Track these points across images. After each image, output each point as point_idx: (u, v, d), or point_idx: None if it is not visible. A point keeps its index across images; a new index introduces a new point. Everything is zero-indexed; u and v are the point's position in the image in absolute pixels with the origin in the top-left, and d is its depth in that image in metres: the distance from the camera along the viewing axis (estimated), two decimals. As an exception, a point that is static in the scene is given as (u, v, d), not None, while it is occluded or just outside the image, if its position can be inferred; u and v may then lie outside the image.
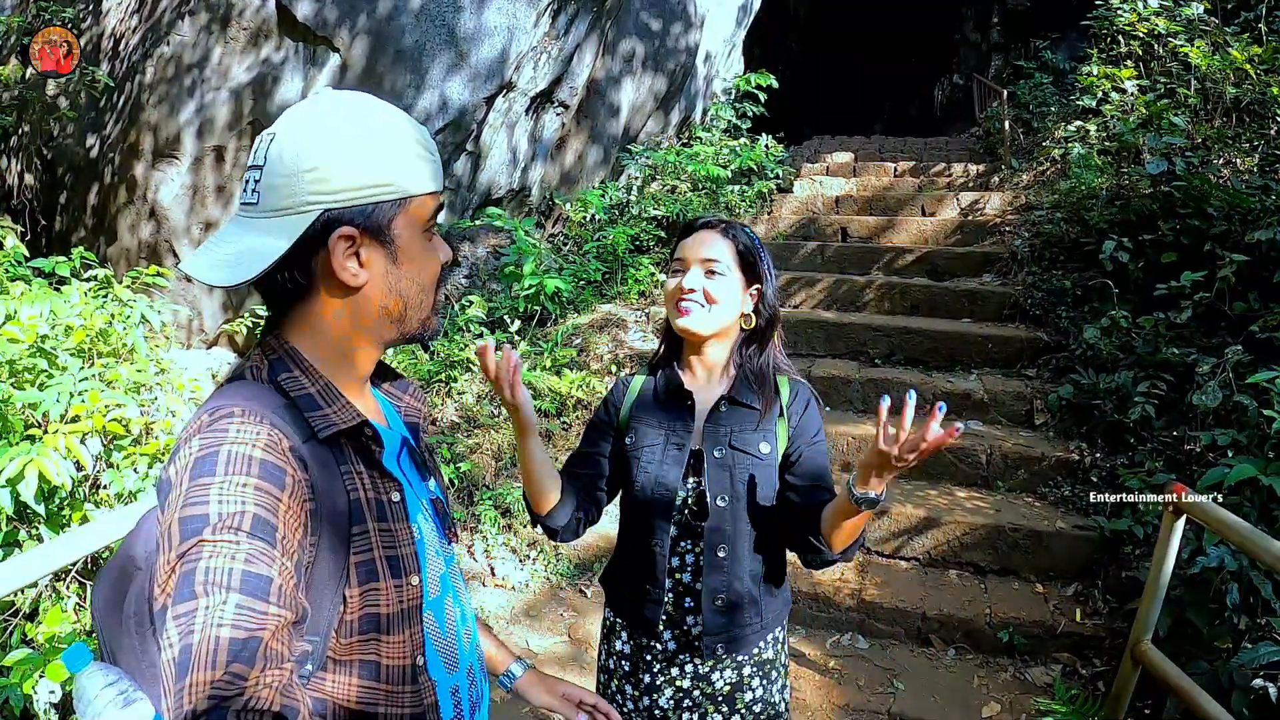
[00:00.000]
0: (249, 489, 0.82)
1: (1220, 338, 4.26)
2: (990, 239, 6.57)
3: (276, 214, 0.92)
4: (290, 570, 0.83)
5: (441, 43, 5.89)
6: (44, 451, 2.55)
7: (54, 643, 2.28)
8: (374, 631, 0.95)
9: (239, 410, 0.88)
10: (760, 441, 1.63)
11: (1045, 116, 8.77)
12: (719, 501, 1.61)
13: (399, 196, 0.96)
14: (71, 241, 6.46)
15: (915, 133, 14.18)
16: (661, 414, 1.70)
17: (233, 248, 0.93)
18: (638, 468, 1.67)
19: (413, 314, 1.02)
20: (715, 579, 1.62)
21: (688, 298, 1.61)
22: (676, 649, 1.68)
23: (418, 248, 1.00)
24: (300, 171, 0.91)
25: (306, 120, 0.93)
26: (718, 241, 1.64)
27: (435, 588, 1.06)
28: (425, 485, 1.13)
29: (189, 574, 0.77)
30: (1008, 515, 3.92)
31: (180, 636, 0.74)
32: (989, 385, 4.84)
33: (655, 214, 6.97)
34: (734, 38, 9.79)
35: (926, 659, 3.45)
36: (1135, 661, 2.89)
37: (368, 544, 0.95)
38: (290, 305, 0.99)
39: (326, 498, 0.91)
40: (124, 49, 6.52)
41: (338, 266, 0.93)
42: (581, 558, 3.99)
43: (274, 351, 0.98)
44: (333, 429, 0.95)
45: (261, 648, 0.75)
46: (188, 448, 0.86)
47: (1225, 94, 5.94)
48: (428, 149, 1.00)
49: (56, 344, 3.28)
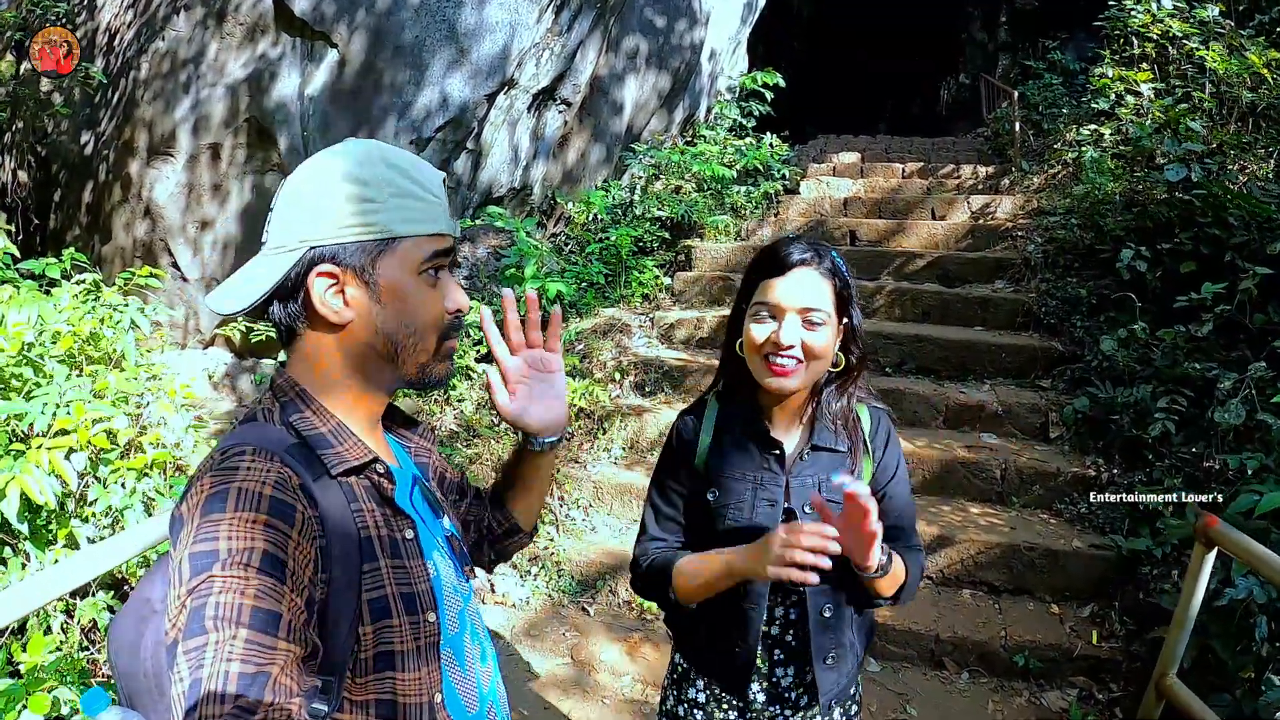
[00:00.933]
0: (259, 525, 0.84)
1: (1240, 351, 4.16)
2: (1002, 244, 6.45)
3: (276, 251, 0.98)
4: (300, 606, 0.85)
5: (442, 39, 5.76)
6: (26, 468, 2.45)
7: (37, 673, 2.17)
8: (389, 669, 0.96)
9: (250, 449, 0.91)
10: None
11: (1056, 118, 8.64)
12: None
13: (384, 237, 0.98)
14: (65, 240, 6.36)
15: (920, 132, 14.06)
16: (747, 465, 1.53)
17: (240, 280, 0.99)
18: (723, 526, 1.51)
19: (406, 356, 1.03)
20: (825, 639, 1.52)
21: (785, 355, 1.40)
22: (766, 701, 1.58)
23: (409, 289, 1.01)
24: (294, 212, 0.97)
25: (314, 165, 0.99)
26: (819, 284, 1.42)
27: (454, 624, 1.07)
28: (439, 522, 1.13)
29: (199, 609, 0.79)
30: (1023, 533, 3.82)
31: (190, 671, 0.76)
32: (1003, 396, 4.73)
33: (659, 214, 6.85)
34: (739, 35, 9.67)
35: (940, 682, 3.35)
36: (1160, 695, 2.81)
37: (380, 580, 0.96)
38: (291, 341, 1.03)
39: (338, 534, 0.93)
40: (118, 44, 6.41)
41: (318, 302, 0.97)
42: (584, 574, 3.88)
43: (285, 394, 1.01)
44: (345, 465, 0.97)
45: (270, 682, 0.78)
46: (199, 485, 0.88)
47: (1241, 99, 5.83)
48: (429, 193, 1.02)
49: (43, 351, 3.18)
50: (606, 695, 3.23)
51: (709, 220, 6.91)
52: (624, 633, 3.58)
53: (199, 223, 5.97)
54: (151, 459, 3.00)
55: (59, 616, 2.76)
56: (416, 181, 1.00)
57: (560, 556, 3.93)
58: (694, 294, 6.25)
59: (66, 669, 2.28)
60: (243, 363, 6.20)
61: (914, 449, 4.31)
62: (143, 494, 2.90)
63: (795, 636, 1.54)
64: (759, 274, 1.47)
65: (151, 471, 3.02)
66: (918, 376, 5.13)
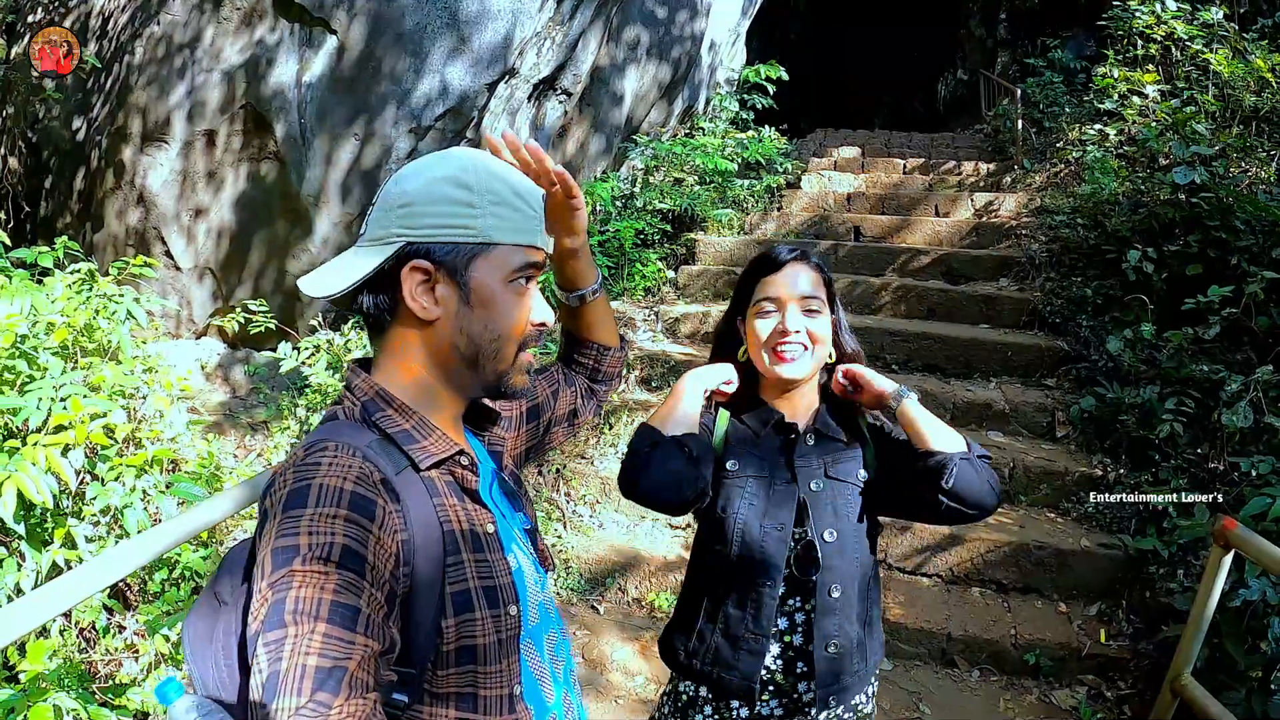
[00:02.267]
0: (339, 521, 0.85)
1: (1245, 354, 4.17)
2: (1006, 242, 6.43)
3: (373, 243, 1.00)
4: (380, 601, 0.86)
5: (443, 26, 5.67)
6: (22, 467, 2.37)
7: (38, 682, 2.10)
8: (470, 663, 0.97)
9: (332, 445, 0.92)
10: (858, 469, 1.56)
11: (1057, 116, 8.61)
12: (827, 536, 1.50)
13: (480, 241, 1.00)
14: (57, 228, 6.25)
15: (916, 127, 14.05)
16: (762, 450, 1.58)
17: (334, 268, 1.01)
18: (740, 498, 1.54)
19: (486, 362, 1.04)
20: (829, 622, 1.51)
21: (791, 341, 1.50)
22: (783, 715, 1.55)
23: (497, 296, 1.02)
24: (394, 208, 0.99)
25: (420, 165, 1.02)
26: (812, 276, 1.54)
27: (535, 616, 1.08)
28: (518, 516, 1.15)
29: (279, 603, 0.80)
30: (1031, 532, 3.81)
31: (269, 663, 0.78)
32: (1009, 395, 4.72)
33: (661, 207, 6.78)
34: (739, 27, 9.62)
35: (951, 681, 3.35)
36: (1174, 694, 2.82)
37: (463, 574, 0.97)
38: (378, 334, 1.05)
39: (420, 528, 0.94)
40: (112, 28, 6.28)
41: (408, 296, 0.99)
42: (593, 572, 3.84)
43: (365, 393, 1.02)
44: (432, 459, 0.99)
45: (347, 677, 0.78)
46: (282, 480, 0.90)
47: (1244, 102, 5.83)
48: (528, 205, 1.04)
49: (37, 343, 3.09)
50: (619, 695, 3.20)
51: (712, 214, 6.85)
52: (635, 631, 3.54)
53: (193, 211, 5.87)
54: (151, 455, 2.93)
55: (58, 619, 2.69)
56: (517, 193, 1.03)
57: (568, 554, 3.88)
58: (698, 288, 6.20)
59: (66, 674, 2.22)
60: (236, 353, 6.11)
61: (922, 448, 4.28)
62: (142, 491, 2.83)
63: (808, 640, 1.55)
64: (755, 276, 1.59)
65: (151, 468, 2.94)
66: (924, 374, 5.11)
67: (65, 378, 2.85)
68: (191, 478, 3.10)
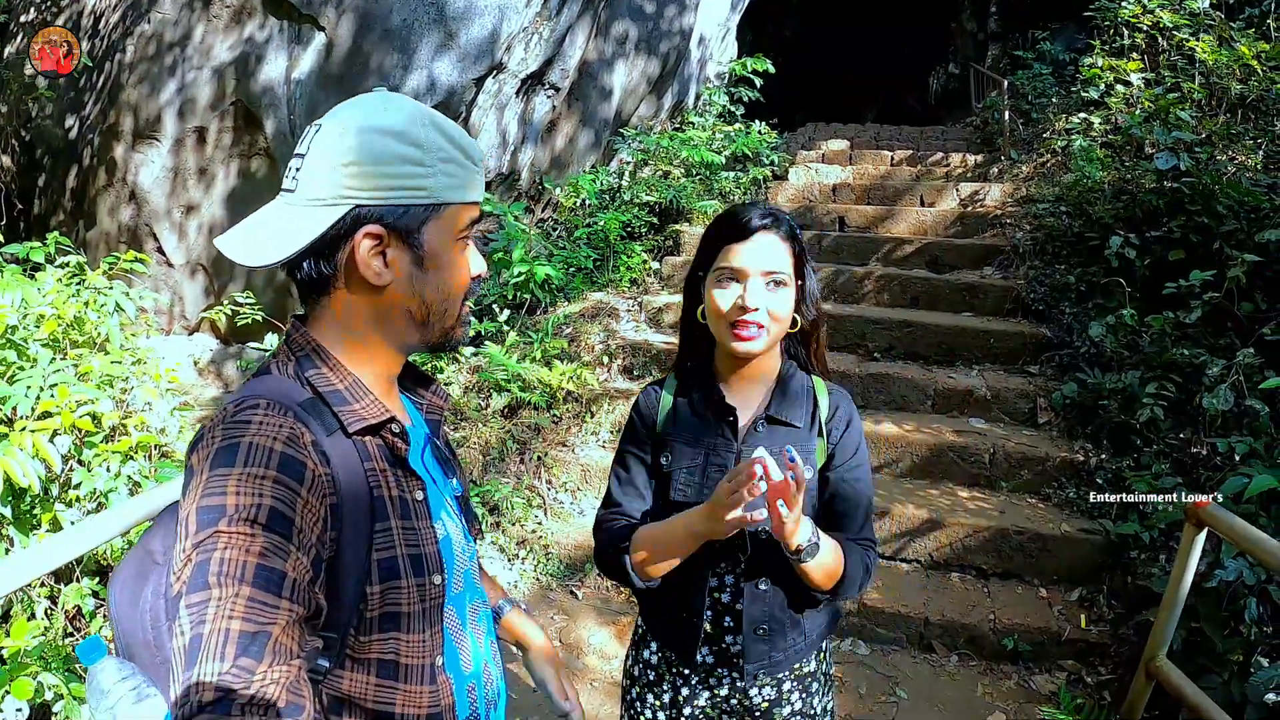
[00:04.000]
0: (267, 482, 0.83)
1: (1228, 338, 4.18)
2: (990, 231, 6.45)
3: (311, 204, 0.93)
4: (306, 565, 0.83)
5: (430, 22, 5.71)
6: (9, 451, 2.41)
7: (20, 658, 2.14)
8: (394, 630, 0.96)
9: (263, 403, 0.89)
10: (809, 461, 1.48)
11: (1045, 108, 8.64)
12: (760, 535, 1.47)
13: (432, 202, 0.97)
14: (50, 225, 6.30)
15: (909, 122, 14.06)
16: (700, 430, 1.53)
17: (266, 231, 0.94)
18: (674, 489, 1.51)
19: (436, 321, 1.02)
20: (756, 609, 1.51)
21: (750, 319, 1.40)
22: (714, 663, 1.57)
23: (447, 256, 1.00)
24: (338, 165, 0.92)
25: (354, 117, 0.95)
26: (779, 247, 1.43)
27: (459, 584, 1.07)
28: (449, 483, 1.13)
29: (203, 564, 0.78)
30: (1011, 517, 3.83)
31: (191, 626, 0.76)
32: (991, 381, 4.74)
33: (648, 200, 6.81)
34: (728, 21, 9.63)
35: (929, 665, 3.37)
36: (1149, 676, 2.82)
37: (390, 541, 0.96)
38: (317, 298, 1.00)
39: (349, 493, 0.92)
40: (103, 26, 6.32)
41: (361, 263, 0.94)
42: (572, 558, 3.87)
43: (301, 348, 0.99)
44: (361, 424, 0.96)
45: (271, 642, 0.77)
46: (210, 437, 0.87)
47: (1230, 90, 5.85)
48: (472, 160, 1.01)
49: (27, 334, 3.13)
50: (595, 678, 3.23)
51: (698, 206, 6.88)
52: (612, 616, 3.58)
53: (184, 207, 5.91)
54: (136, 442, 2.97)
55: (43, 602, 2.73)
56: (461, 148, 0.99)
57: (548, 540, 3.91)
58: (681, 278, 6.20)
59: (50, 655, 2.26)
60: (228, 349, 6.16)
61: (902, 433, 4.31)
62: (127, 477, 2.87)
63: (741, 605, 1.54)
64: (720, 240, 1.46)
65: (136, 455, 2.98)
66: (906, 361, 5.13)
67: (54, 367, 2.90)
68: (179, 465, 3.13)
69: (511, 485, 4.12)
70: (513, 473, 4.26)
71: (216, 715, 0.73)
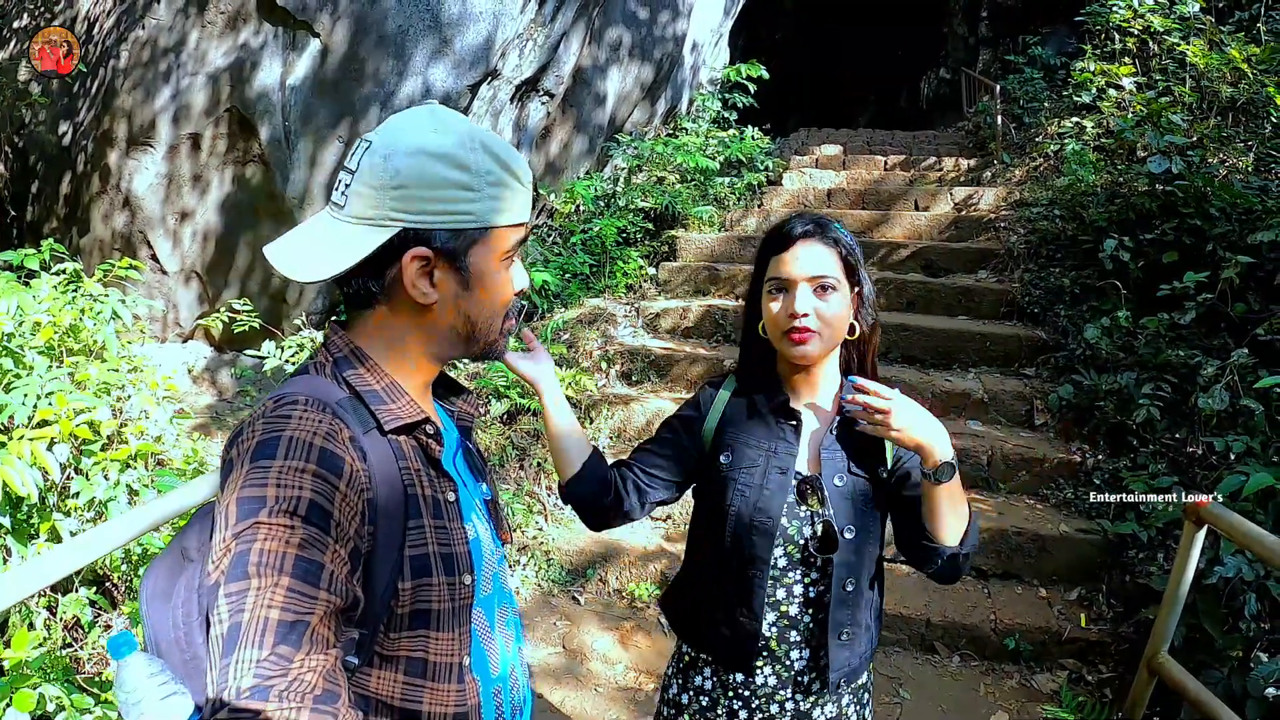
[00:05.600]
0: (307, 475, 0.85)
1: (1221, 339, 4.22)
2: (985, 235, 6.49)
3: (360, 221, 0.95)
4: (344, 558, 0.85)
5: (425, 28, 5.71)
6: (8, 460, 2.39)
7: (21, 669, 2.12)
8: (424, 628, 0.98)
9: (302, 399, 0.92)
10: (878, 465, 1.52)
11: (1037, 112, 8.70)
12: (846, 534, 1.48)
13: (481, 226, 0.98)
14: (44, 232, 6.26)
15: (901, 126, 14.13)
16: (762, 433, 1.55)
17: (315, 247, 0.96)
18: (733, 491, 1.52)
19: (480, 337, 1.05)
20: (842, 614, 1.51)
21: (802, 324, 1.43)
22: (776, 685, 1.56)
23: (492, 276, 1.02)
24: (388, 187, 0.93)
25: (404, 137, 0.95)
26: (824, 253, 1.46)
27: (488, 586, 1.08)
28: (479, 487, 1.15)
29: (243, 554, 0.80)
30: (1010, 518, 3.85)
31: (230, 614, 0.77)
32: (988, 384, 4.77)
33: (643, 205, 6.83)
34: (721, 28, 9.67)
35: (931, 666, 3.38)
36: (1151, 673, 2.83)
37: (423, 539, 0.97)
38: (361, 311, 1.02)
39: (385, 489, 0.94)
40: (98, 32, 6.30)
41: (408, 284, 0.96)
42: (573, 563, 3.86)
43: (339, 350, 1.01)
44: (397, 422, 0.98)
45: (309, 632, 0.79)
46: (250, 430, 0.89)
47: (1221, 93, 5.90)
48: (520, 181, 1.01)
49: (23, 342, 3.11)
50: (599, 684, 3.22)
51: (693, 211, 6.90)
52: (615, 621, 3.57)
53: (179, 214, 5.89)
54: (135, 450, 2.95)
55: (41, 613, 2.71)
56: (511, 170, 1.00)
57: (549, 546, 3.91)
58: (678, 284, 6.24)
59: (50, 666, 2.24)
60: (222, 356, 6.13)
61: (901, 436, 4.32)
62: (126, 486, 2.85)
63: (813, 616, 1.53)
64: (768, 253, 1.52)
65: (135, 463, 2.97)
66: (903, 365, 5.16)
67: (50, 375, 2.88)
68: (177, 474, 3.12)
69: (512, 492, 4.12)
70: (513, 479, 4.25)
71: (254, 701, 0.74)
